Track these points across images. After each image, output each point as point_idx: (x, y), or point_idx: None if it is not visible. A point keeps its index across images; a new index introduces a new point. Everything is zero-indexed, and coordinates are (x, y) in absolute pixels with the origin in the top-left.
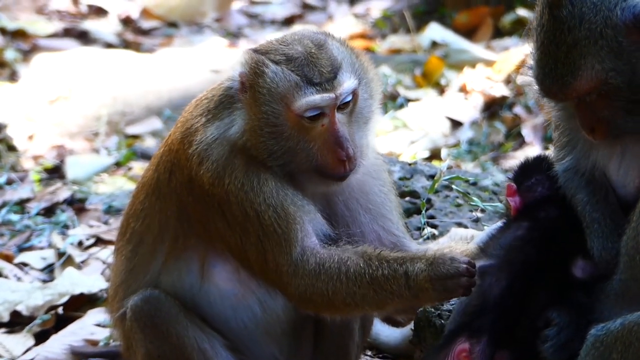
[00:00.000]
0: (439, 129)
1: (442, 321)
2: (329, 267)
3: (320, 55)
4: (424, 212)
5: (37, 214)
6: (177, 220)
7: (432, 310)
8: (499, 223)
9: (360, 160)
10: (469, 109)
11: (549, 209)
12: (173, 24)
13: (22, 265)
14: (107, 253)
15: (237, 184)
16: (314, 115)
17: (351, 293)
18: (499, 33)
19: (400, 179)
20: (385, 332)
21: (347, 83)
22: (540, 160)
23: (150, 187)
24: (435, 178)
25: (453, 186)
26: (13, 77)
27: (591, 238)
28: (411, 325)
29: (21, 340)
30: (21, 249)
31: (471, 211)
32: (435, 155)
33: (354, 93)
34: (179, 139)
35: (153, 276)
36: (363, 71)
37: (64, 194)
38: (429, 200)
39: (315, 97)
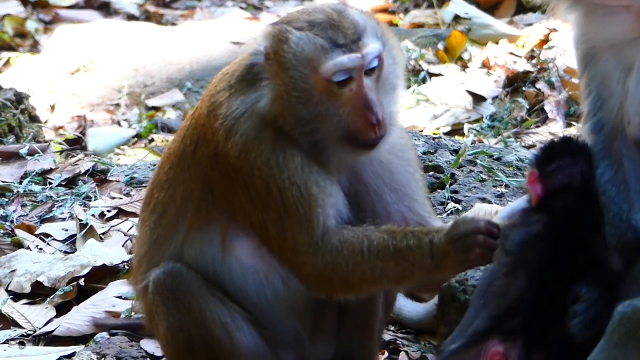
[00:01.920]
0: (462, 104)
1: (467, 296)
2: (352, 242)
3: (342, 19)
4: (447, 186)
5: (59, 185)
6: (200, 192)
7: (457, 285)
8: (523, 199)
9: (389, 127)
10: (492, 85)
11: (568, 199)
12: None
13: (44, 237)
14: (128, 225)
15: (263, 158)
16: (342, 80)
17: (371, 266)
18: (522, 8)
19: (424, 153)
20: (408, 307)
21: (372, 45)
22: (566, 142)
23: (176, 158)
24: (460, 152)
25: (477, 161)
26: (35, 47)
27: (607, 222)
28: (435, 300)
29: (42, 312)
30: (43, 220)
31: (495, 186)
32: (457, 130)
33: (380, 58)
34: (205, 113)
35: (176, 248)
36: (385, 38)
37: (85, 165)
38: (452, 175)
39: (343, 58)
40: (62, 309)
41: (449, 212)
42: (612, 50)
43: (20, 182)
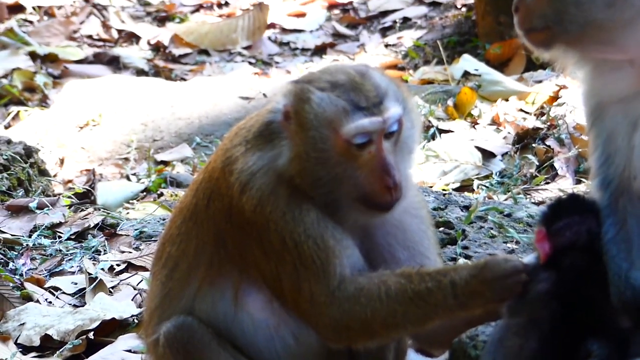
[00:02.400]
0: (471, 160)
1: (477, 351)
2: (368, 289)
3: (365, 82)
4: (459, 242)
5: (68, 238)
6: (213, 246)
7: (468, 340)
8: (533, 255)
9: (405, 190)
10: (501, 141)
11: (576, 257)
12: (204, 51)
13: (53, 290)
14: (138, 279)
15: (279, 213)
16: (362, 142)
17: (392, 312)
18: (532, 65)
19: (434, 209)
20: None
21: (393, 109)
22: (574, 200)
23: (188, 212)
24: (472, 208)
25: (487, 217)
26: (44, 101)
27: (609, 280)
28: (446, 356)
29: None
30: (52, 274)
31: (505, 242)
32: (466, 186)
33: (399, 122)
34: (220, 167)
35: (187, 302)
36: (405, 101)
37: (95, 219)
38: (463, 231)
39: (364, 121)
40: None
41: None
42: (619, 105)
43: (30, 236)
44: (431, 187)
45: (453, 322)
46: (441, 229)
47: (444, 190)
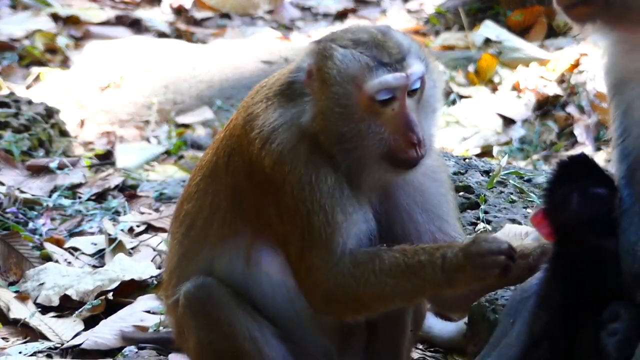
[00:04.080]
0: (491, 126)
1: (496, 315)
2: (364, 263)
3: (387, 39)
4: (482, 206)
5: (89, 199)
6: (229, 202)
7: (487, 304)
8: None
9: (429, 149)
10: (522, 107)
11: (581, 233)
12: (226, 15)
13: (73, 250)
14: (157, 240)
15: (296, 175)
16: (385, 99)
17: (382, 285)
18: (553, 32)
19: (455, 173)
20: (438, 325)
21: (416, 66)
22: (578, 163)
23: (207, 170)
24: (495, 173)
25: (508, 182)
26: (65, 63)
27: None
28: (465, 319)
29: (70, 325)
30: (72, 234)
31: (525, 207)
32: (486, 152)
33: (422, 79)
34: (241, 124)
35: (205, 262)
36: (428, 60)
37: (115, 180)
38: (483, 196)
39: (388, 77)
40: (90, 323)
41: (478, 232)
42: (638, 80)
43: (50, 196)
44: (451, 152)
45: None
46: (461, 193)
47: (464, 156)
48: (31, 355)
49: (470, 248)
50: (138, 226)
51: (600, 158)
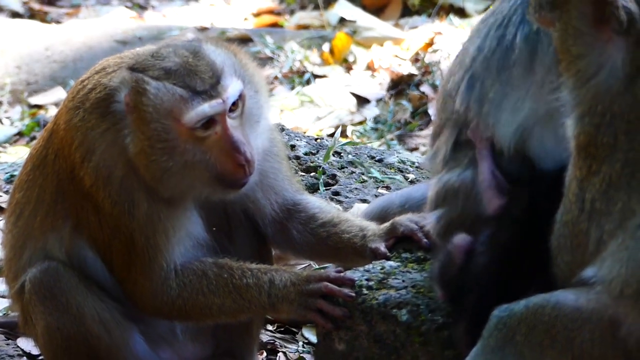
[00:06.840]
0: (346, 106)
1: None
2: (191, 284)
3: (198, 63)
4: (321, 179)
5: None
6: (52, 198)
7: None
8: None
9: (256, 163)
10: (376, 87)
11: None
12: None
13: None
14: None
15: (112, 199)
16: (205, 123)
17: (209, 304)
18: (407, 11)
19: (306, 154)
20: None
21: (232, 86)
22: None
23: (38, 160)
24: (330, 146)
25: (361, 162)
26: None
27: None
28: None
29: None
30: None
31: (377, 187)
32: (341, 132)
33: (241, 95)
34: (62, 128)
35: (37, 252)
36: (244, 69)
37: None
38: (334, 176)
39: (204, 107)
40: None
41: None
42: None
43: None
44: (305, 132)
45: None
46: (312, 173)
47: (317, 135)
48: None
49: (300, 282)
50: None
51: None
